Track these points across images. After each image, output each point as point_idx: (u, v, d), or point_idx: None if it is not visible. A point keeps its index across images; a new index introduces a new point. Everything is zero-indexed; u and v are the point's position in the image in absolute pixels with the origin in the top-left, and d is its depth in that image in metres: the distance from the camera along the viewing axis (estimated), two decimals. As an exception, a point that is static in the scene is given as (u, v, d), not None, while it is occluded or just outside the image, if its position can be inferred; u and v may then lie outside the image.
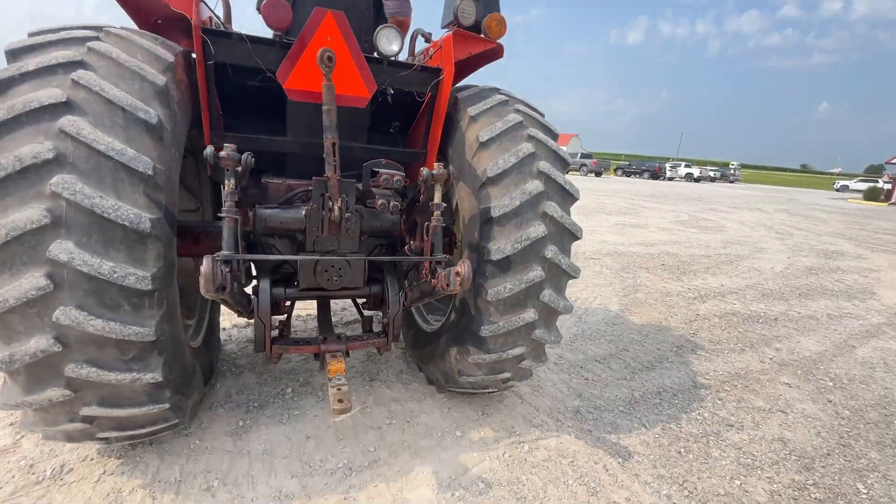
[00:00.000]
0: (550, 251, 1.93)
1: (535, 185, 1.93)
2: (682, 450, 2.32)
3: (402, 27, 2.46)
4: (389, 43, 2.00)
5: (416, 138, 2.47)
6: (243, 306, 1.81)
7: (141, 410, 1.57)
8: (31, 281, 1.27)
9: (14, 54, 1.44)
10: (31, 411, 1.48)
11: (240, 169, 1.54)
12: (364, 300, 2.35)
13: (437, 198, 1.82)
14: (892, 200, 27.64)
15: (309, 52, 1.86)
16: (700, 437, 2.44)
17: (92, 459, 1.87)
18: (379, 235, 2.26)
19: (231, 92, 2.03)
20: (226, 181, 1.54)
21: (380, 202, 1.95)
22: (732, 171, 46.66)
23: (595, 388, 2.86)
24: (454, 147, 2.21)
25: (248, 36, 1.88)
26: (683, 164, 43.98)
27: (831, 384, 3.20)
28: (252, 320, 1.95)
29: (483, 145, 2.00)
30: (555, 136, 2.16)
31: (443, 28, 2.38)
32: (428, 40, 2.48)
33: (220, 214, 1.56)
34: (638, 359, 3.33)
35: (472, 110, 2.11)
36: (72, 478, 1.78)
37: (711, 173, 42.71)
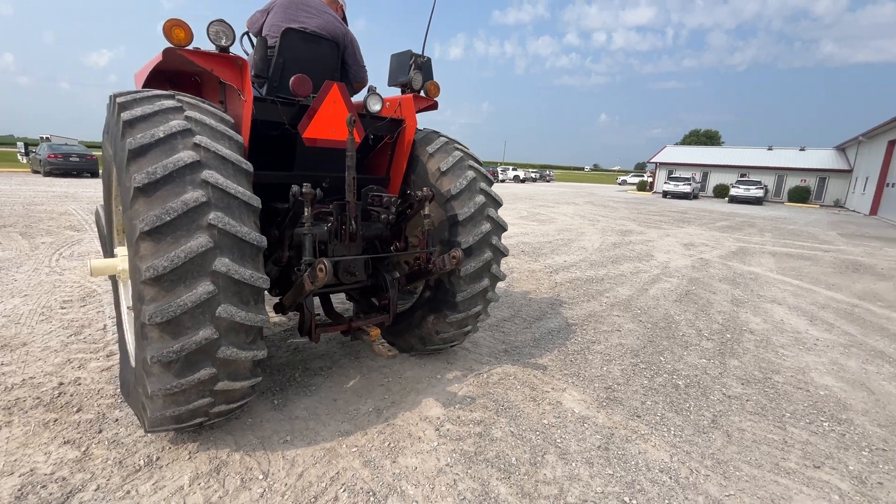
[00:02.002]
0: (494, 239, 3.00)
1: (480, 198, 2.97)
2: (571, 359, 3.64)
3: (361, 87, 3.27)
4: (375, 104, 2.81)
5: (378, 167, 3.29)
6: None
7: (246, 383, 2.10)
8: (204, 287, 1.79)
9: (131, 124, 1.87)
10: (162, 397, 1.90)
11: (314, 200, 2.21)
12: (362, 289, 3.05)
13: (427, 209, 2.72)
14: (655, 190, 36.94)
15: (321, 113, 2.57)
16: (579, 351, 3.82)
17: (170, 448, 2.24)
18: (372, 240, 3.01)
19: (253, 140, 2.58)
20: (305, 208, 2.20)
21: (382, 216, 2.76)
22: (549, 173, 55.88)
23: (510, 337, 4.05)
24: (417, 174, 3.11)
25: (278, 99, 2.50)
26: (511, 167, 50.75)
27: (639, 311, 5.03)
28: (285, 313, 2.55)
29: (443, 173, 2.97)
30: (480, 163, 3.24)
31: (390, 86, 3.27)
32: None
33: (303, 232, 2.20)
34: (530, 315, 4.67)
35: (429, 149, 3.05)
36: (166, 460, 2.16)
37: (533, 175, 50.33)
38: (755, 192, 28.33)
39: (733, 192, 29.20)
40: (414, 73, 3.06)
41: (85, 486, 1.96)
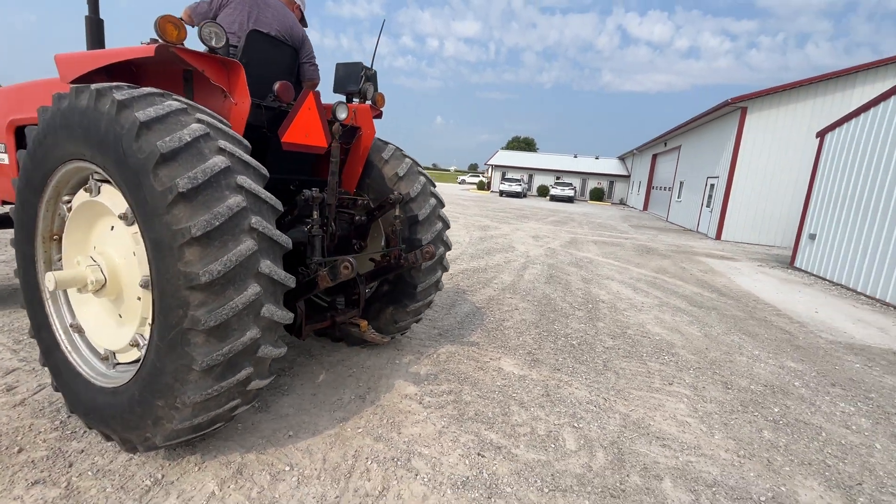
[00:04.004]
0: (445, 236, 3.47)
1: (433, 201, 3.40)
2: (493, 335, 4.35)
3: (313, 87, 3.35)
4: (342, 112, 2.98)
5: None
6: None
7: (266, 381, 2.17)
8: (252, 289, 1.85)
9: (148, 125, 1.79)
10: (197, 404, 1.88)
11: (322, 203, 2.35)
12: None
13: (398, 211, 3.04)
14: (492, 190, 41.31)
15: (298, 119, 2.68)
16: (496, 328, 4.56)
17: (169, 465, 2.14)
18: (341, 239, 3.15)
19: None
20: (314, 212, 2.32)
21: (357, 217, 2.97)
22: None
23: (438, 322, 4.57)
24: (372, 178, 3.36)
25: (263, 105, 2.51)
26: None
27: (524, 293, 6.08)
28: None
29: (400, 178, 3.30)
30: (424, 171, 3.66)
31: (335, 93, 3.44)
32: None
33: (312, 233, 2.32)
34: (444, 303, 5.25)
35: (384, 155, 3.34)
36: (173, 476, 2.07)
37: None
38: (568, 191, 34.32)
39: (552, 191, 34.81)
40: (365, 84, 3.30)
41: (99, 516, 1.80)
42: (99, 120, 1.88)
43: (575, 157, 48.47)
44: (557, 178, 42.28)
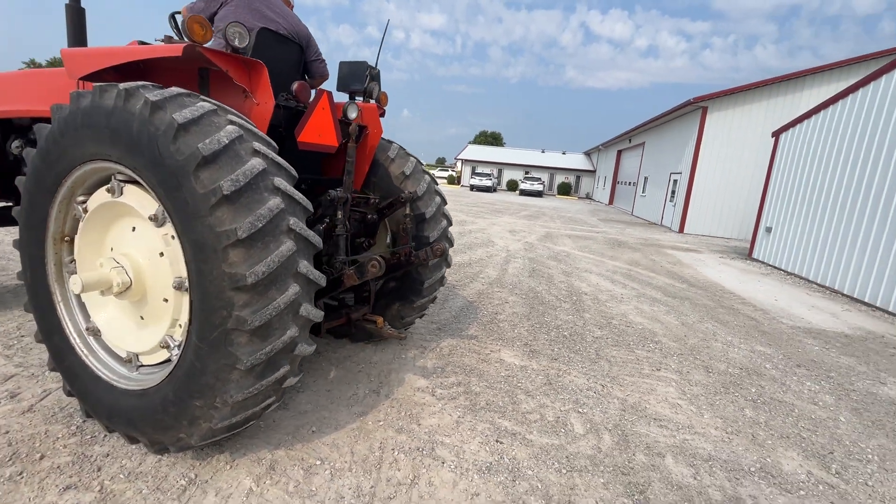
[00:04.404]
0: (449, 233, 3.57)
1: (438, 199, 3.49)
2: (490, 328, 4.50)
3: (323, 81, 3.35)
4: (353, 112, 3.01)
5: (335, 169, 3.44)
6: None
7: (298, 378, 2.21)
8: (293, 289, 1.89)
9: (186, 128, 1.79)
10: (237, 403, 1.91)
11: (346, 202, 2.39)
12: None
13: (409, 210, 3.10)
14: (462, 184, 41.53)
15: (313, 118, 2.70)
16: (491, 321, 4.71)
17: (199, 465, 2.16)
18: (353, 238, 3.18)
19: None
20: (338, 212, 2.36)
21: (369, 216, 3.02)
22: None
23: (435, 317, 4.67)
24: (378, 177, 3.41)
25: (282, 105, 2.52)
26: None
27: (511, 287, 6.27)
28: None
29: (407, 177, 3.36)
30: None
31: (339, 91, 3.45)
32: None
33: (337, 233, 2.36)
34: (438, 300, 5.32)
35: (389, 154, 3.39)
36: (206, 475, 2.09)
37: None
38: (537, 186, 35.01)
39: (522, 186, 35.41)
40: (370, 83, 3.34)
41: (142, 517, 1.81)
42: (130, 121, 1.85)
43: (543, 152, 49.39)
44: (526, 173, 42.98)
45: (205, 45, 2.11)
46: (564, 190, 42.00)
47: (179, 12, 2.93)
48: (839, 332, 5.64)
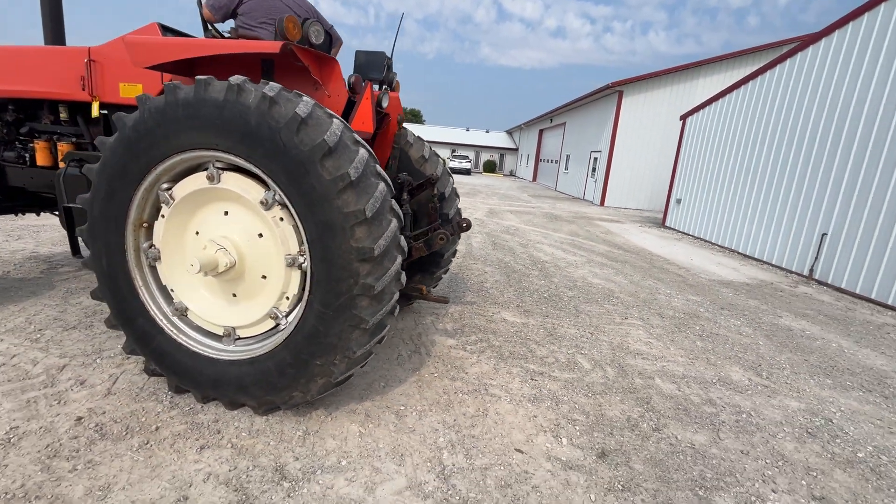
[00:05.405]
0: (461, 209, 4.00)
1: (451, 179, 3.89)
2: (483, 294, 5.05)
3: (340, 47, 3.50)
4: (386, 101, 3.28)
5: None
6: None
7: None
8: (399, 259, 2.24)
9: (305, 121, 2.02)
10: (354, 359, 2.23)
11: (410, 185, 2.71)
12: None
13: (434, 190, 3.47)
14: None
15: (361, 109, 2.97)
16: (481, 289, 5.26)
17: (305, 421, 2.45)
18: None
19: None
20: (404, 193, 2.69)
21: (404, 196, 3.34)
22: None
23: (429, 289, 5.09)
24: (401, 161, 3.71)
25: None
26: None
27: (483, 259, 6.85)
28: None
29: (426, 160, 3.71)
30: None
31: (356, 72, 3.66)
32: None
33: (404, 211, 2.69)
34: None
35: (409, 139, 3.71)
36: (314, 427, 2.40)
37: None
38: (466, 164, 35.91)
39: (451, 164, 36.03)
40: (388, 73, 3.60)
41: (288, 463, 2.11)
42: (246, 113, 2.04)
43: (468, 130, 50.38)
44: (453, 151, 43.73)
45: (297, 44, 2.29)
46: (490, 167, 43.50)
47: None
48: (742, 282, 7.04)
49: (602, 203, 18.10)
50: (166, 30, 3.12)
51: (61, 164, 3.29)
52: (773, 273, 7.93)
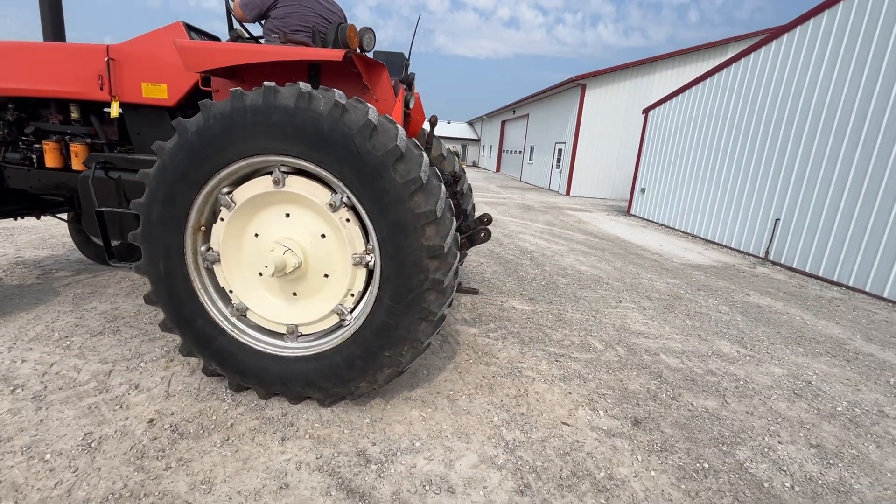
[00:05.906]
0: (475, 204, 4.20)
1: (466, 176, 4.07)
2: (487, 285, 5.29)
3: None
4: (412, 102, 3.40)
5: None
6: None
7: (431, 330, 2.74)
8: (456, 255, 2.41)
9: (376, 128, 2.14)
10: (421, 347, 2.39)
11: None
12: None
13: (457, 187, 3.64)
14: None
15: (395, 111, 3.09)
16: (484, 280, 5.49)
17: (370, 409, 2.60)
18: None
19: None
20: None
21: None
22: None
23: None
24: (419, 158, 3.84)
25: None
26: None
27: (476, 251, 7.09)
28: None
29: (444, 158, 3.87)
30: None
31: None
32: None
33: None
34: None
35: (426, 139, 3.85)
36: (377, 414, 2.56)
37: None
38: (430, 156, 35.96)
39: (415, 156, 35.99)
40: (407, 74, 3.72)
41: (367, 448, 2.26)
42: (318, 120, 2.13)
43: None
44: (415, 142, 43.59)
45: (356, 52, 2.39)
46: (452, 158, 43.80)
47: None
48: (709, 265, 7.70)
49: (568, 193, 18.79)
50: (190, 29, 3.09)
51: (76, 167, 3.19)
52: (733, 256, 8.69)
